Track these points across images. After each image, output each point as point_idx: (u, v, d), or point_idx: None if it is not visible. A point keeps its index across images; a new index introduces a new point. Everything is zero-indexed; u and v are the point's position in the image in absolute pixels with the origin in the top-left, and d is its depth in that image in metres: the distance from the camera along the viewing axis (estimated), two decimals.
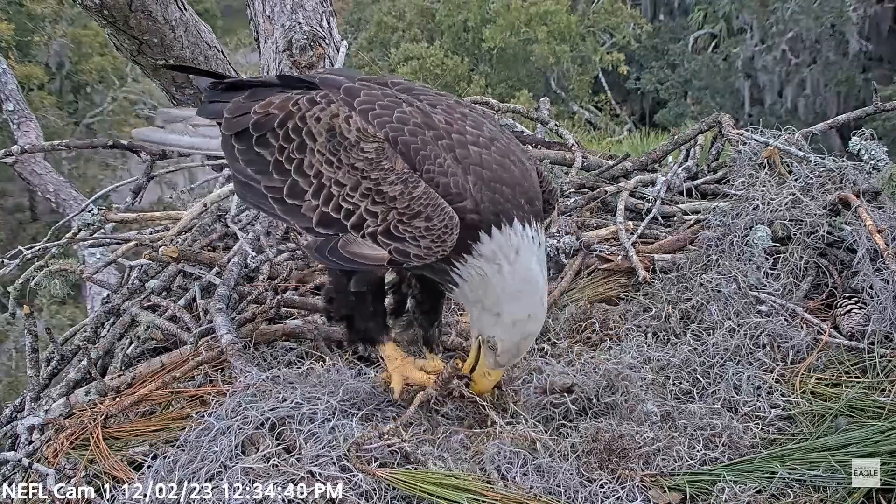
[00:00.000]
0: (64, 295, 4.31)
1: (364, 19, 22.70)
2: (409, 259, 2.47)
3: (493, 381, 2.74)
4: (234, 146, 2.73)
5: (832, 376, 2.92)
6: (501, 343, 2.57)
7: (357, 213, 2.48)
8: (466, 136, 2.54)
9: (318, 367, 2.90)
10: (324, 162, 2.52)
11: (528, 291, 2.51)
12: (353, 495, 2.34)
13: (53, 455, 2.85)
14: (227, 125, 2.76)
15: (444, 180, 2.44)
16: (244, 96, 2.78)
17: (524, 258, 2.49)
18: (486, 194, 2.46)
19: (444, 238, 2.41)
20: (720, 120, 4.68)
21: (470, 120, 2.62)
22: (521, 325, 2.54)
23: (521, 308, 2.51)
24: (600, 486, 2.38)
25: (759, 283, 3.36)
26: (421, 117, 2.54)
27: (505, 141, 2.63)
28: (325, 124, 2.54)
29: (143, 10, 4.02)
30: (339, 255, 2.52)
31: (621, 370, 2.87)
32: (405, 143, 2.47)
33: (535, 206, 2.57)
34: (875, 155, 3.96)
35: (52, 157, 9.37)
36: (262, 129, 2.65)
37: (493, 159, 2.51)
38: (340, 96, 2.59)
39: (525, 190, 2.54)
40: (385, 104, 2.56)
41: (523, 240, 2.49)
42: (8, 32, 17.10)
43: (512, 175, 2.52)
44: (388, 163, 2.45)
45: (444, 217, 2.40)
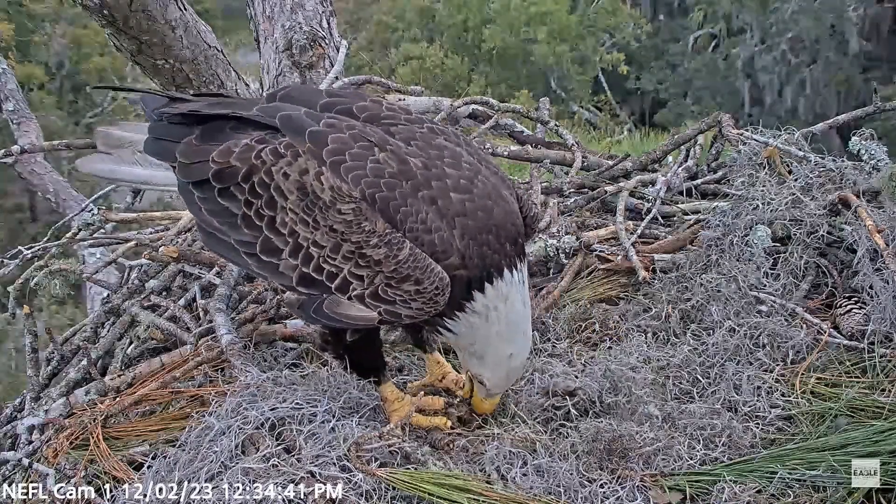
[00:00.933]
0: (64, 295, 4.30)
1: (364, 19, 22.70)
2: (400, 319, 2.42)
3: (491, 405, 2.76)
4: (195, 193, 2.53)
5: (832, 376, 2.92)
6: (488, 380, 2.63)
7: (341, 276, 2.38)
8: (446, 181, 2.41)
9: (322, 372, 2.90)
10: (298, 221, 2.38)
11: (510, 334, 2.54)
12: (353, 495, 2.34)
13: (53, 455, 2.85)
14: (182, 172, 2.55)
15: (428, 237, 2.35)
16: (195, 136, 2.55)
17: (512, 305, 2.50)
18: (475, 248, 2.40)
19: (437, 299, 2.36)
20: (720, 120, 4.67)
21: (447, 156, 2.48)
22: (503, 364, 2.58)
23: (502, 350, 2.54)
24: (600, 486, 2.38)
25: (759, 283, 3.36)
26: (397, 164, 2.39)
27: (485, 173, 2.52)
28: (294, 181, 2.37)
29: (143, 10, 4.02)
30: (327, 316, 2.42)
31: (624, 371, 2.87)
32: (383, 199, 2.34)
33: (518, 244, 2.53)
34: (875, 155, 3.96)
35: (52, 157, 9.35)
36: (224, 181, 2.45)
37: (476, 205, 2.42)
38: (307, 146, 2.40)
39: (508, 231, 2.48)
40: (356, 153, 2.39)
41: (512, 287, 2.48)
42: (8, 32, 17.09)
43: (495, 218, 2.45)
44: (368, 224, 2.33)
45: (434, 279, 2.33)
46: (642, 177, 4.47)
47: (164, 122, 2.68)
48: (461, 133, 2.81)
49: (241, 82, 4.98)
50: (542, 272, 3.83)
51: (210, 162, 2.48)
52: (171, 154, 2.59)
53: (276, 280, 2.53)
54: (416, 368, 3.18)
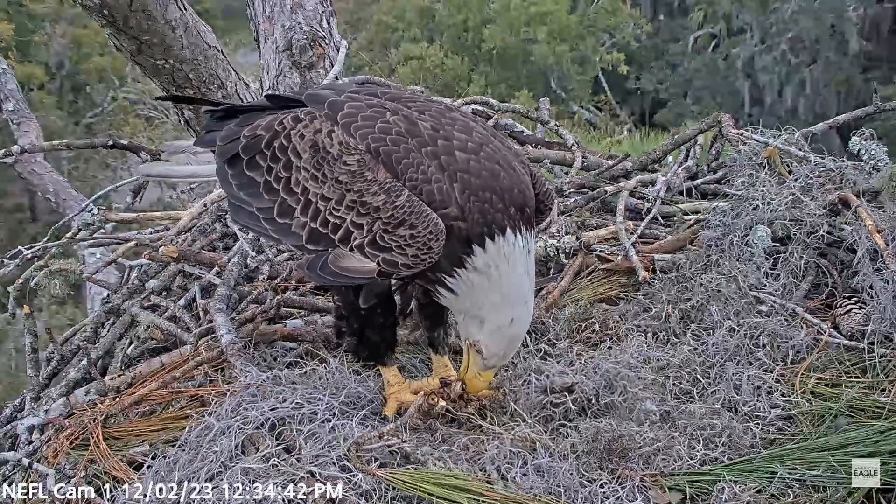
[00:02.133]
0: (64, 295, 4.30)
1: (364, 19, 22.69)
2: (397, 269, 2.46)
3: (484, 382, 2.75)
4: (228, 171, 2.74)
5: (832, 376, 2.92)
6: (486, 348, 2.60)
7: (343, 227, 2.48)
8: (453, 142, 2.51)
9: (321, 369, 2.90)
10: (309, 178, 2.53)
11: (512, 298, 2.53)
12: (353, 495, 2.34)
13: (53, 455, 2.85)
14: (219, 152, 2.78)
15: (427, 187, 2.43)
16: (236, 122, 2.80)
17: (514, 267, 2.50)
18: (475, 203, 2.45)
19: (431, 245, 2.40)
20: (720, 120, 4.68)
21: (459, 125, 2.59)
22: (504, 330, 2.56)
23: (504, 314, 2.53)
24: (600, 486, 2.38)
25: (759, 283, 3.36)
26: (405, 125, 2.52)
27: (496, 145, 2.61)
28: (308, 141, 2.55)
29: (143, 10, 4.02)
30: (330, 271, 2.51)
31: (620, 370, 2.87)
32: (387, 152, 2.46)
33: (526, 213, 2.56)
34: (875, 155, 3.96)
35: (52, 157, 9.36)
36: (250, 151, 2.66)
37: (482, 166, 2.49)
38: (324, 111, 2.60)
39: (514, 197, 2.52)
40: (368, 115, 2.55)
41: (514, 249, 2.49)
42: (8, 32, 17.09)
43: (501, 182, 2.50)
44: (370, 174, 2.45)
45: (429, 224, 2.39)
46: (642, 177, 4.48)
47: (214, 119, 2.94)
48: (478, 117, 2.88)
49: (241, 82, 4.98)
50: (542, 272, 3.83)
51: (241, 138, 2.71)
52: (214, 141, 2.83)
53: (290, 241, 2.64)
54: (417, 371, 3.18)
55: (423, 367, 3.18)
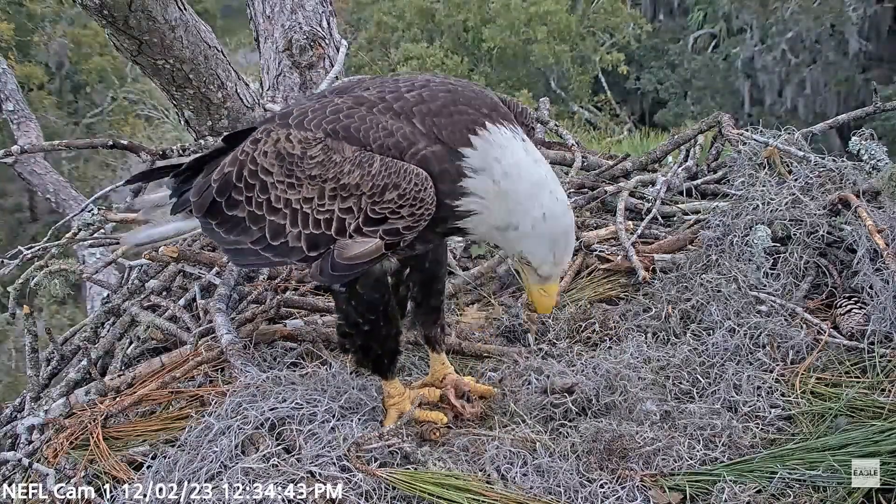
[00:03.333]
0: (64, 295, 4.30)
1: (364, 19, 22.68)
2: (401, 235, 2.39)
3: (551, 297, 2.55)
4: (211, 223, 2.71)
5: (832, 376, 2.92)
6: (532, 255, 2.43)
7: (335, 218, 2.44)
8: (400, 90, 2.49)
9: (322, 372, 2.90)
10: (286, 188, 2.50)
11: (530, 188, 2.36)
12: (353, 495, 2.34)
13: (53, 455, 2.85)
14: (197, 209, 2.75)
15: (391, 140, 2.39)
16: (202, 175, 2.79)
17: (514, 154, 2.39)
18: (441, 120, 2.40)
19: (421, 196, 2.33)
20: (720, 120, 4.68)
21: (404, 79, 2.57)
22: (539, 227, 2.36)
23: (531, 209, 2.36)
24: (600, 486, 2.38)
25: (759, 283, 3.36)
26: (353, 100, 2.51)
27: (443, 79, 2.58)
28: (272, 154, 2.53)
29: (143, 10, 4.01)
30: (341, 266, 2.46)
31: (620, 370, 2.87)
32: (345, 127, 2.44)
33: (503, 112, 2.50)
34: (875, 155, 3.96)
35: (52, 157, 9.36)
36: (225, 191, 2.64)
37: (436, 91, 2.46)
38: (276, 122, 2.59)
39: (484, 102, 2.47)
40: (317, 107, 2.54)
41: (504, 137, 2.40)
42: (8, 32, 17.09)
43: (464, 94, 2.46)
44: (337, 155, 2.41)
45: (410, 176, 2.33)
46: (642, 177, 4.48)
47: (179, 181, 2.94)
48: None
49: (241, 82, 4.97)
50: None
51: (211, 183, 2.69)
52: (188, 202, 2.81)
53: (293, 258, 2.59)
54: (417, 369, 3.18)
55: (422, 365, 3.18)
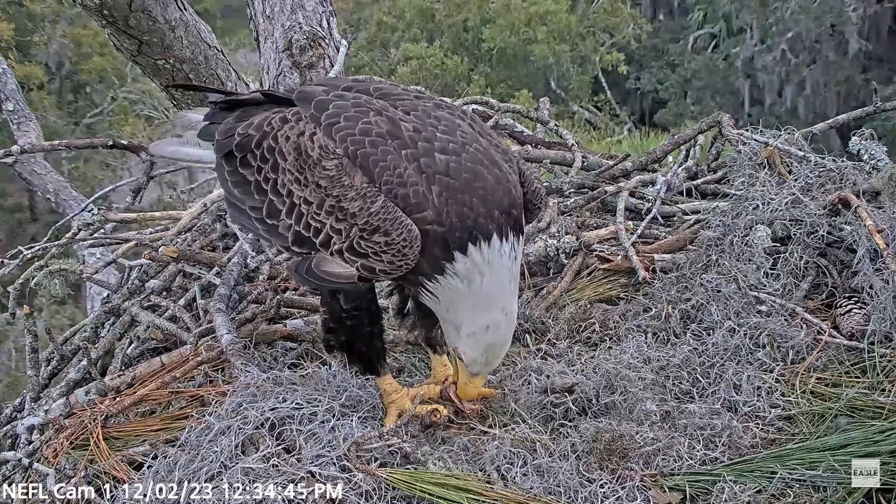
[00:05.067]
0: (64, 295, 4.31)
1: (364, 19, 22.67)
2: (376, 275, 2.46)
3: (475, 390, 2.73)
4: (224, 167, 2.73)
5: (832, 376, 2.92)
6: (465, 354, 2.58)
7: (324, 231, 2.47)
8: (434, 143, 2.46)
9: (322, 372, 2.90)
10: (293, 181, 2.52)
11: (488, 304, 2.49)
12: (353, 495, 2.34)
13: (53, 455, 2.85)
14: (217, 147, 2.76)
15: (402, 191, 2.39)
16: (234, 117, 2.78)
17: (497, 274, 2.46)
18: (453, 207, 2.40)
19: (405, 252, 2.37)
20: (720, 120, 4.68)
21: (444, 124, 2.53)
22: (479, 336, 2.52)
23: (478, 320, 2.50)
24: (600, 486, 2.38)
25: (759, 283, 3.35)
26: (387, 126, 2.48)
27: (481, 144, 2.55)
28: (292, 143, 2.53)
29: (143, 10, 4.02)
30: (314, 274, 2.51)
31: (620, 370, 2.87)
32: (364, 155, 2.43)
33: (513, 215, 2.50)
34: (875, 155, 3.96)
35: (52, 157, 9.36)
36: (243, 150, 2.65)
37: (463, 167, 2.43)
38: (310, 112, 2.57)
39: (500, 199, 2.46)
40: (351, 115, 2.51)
41: (499, 256, 2.45)
42: (8, 32, 17.09)
43: (485, 183, 2.45)
44: (347, 179, 2.42)
45: (403, 231, 2.36)
46: (642, 177, 4.47)
47: (216, 110, 2.91)
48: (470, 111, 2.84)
49: (241, 82, 4.98)
50: (542, 272, 3.83)
51: (235, 135, 2.69)
52: (213, 135, 2.80)
53: (278, 242, 2.64)
54: (417, 370, 3.18)
55: (422, 367, 3.18)
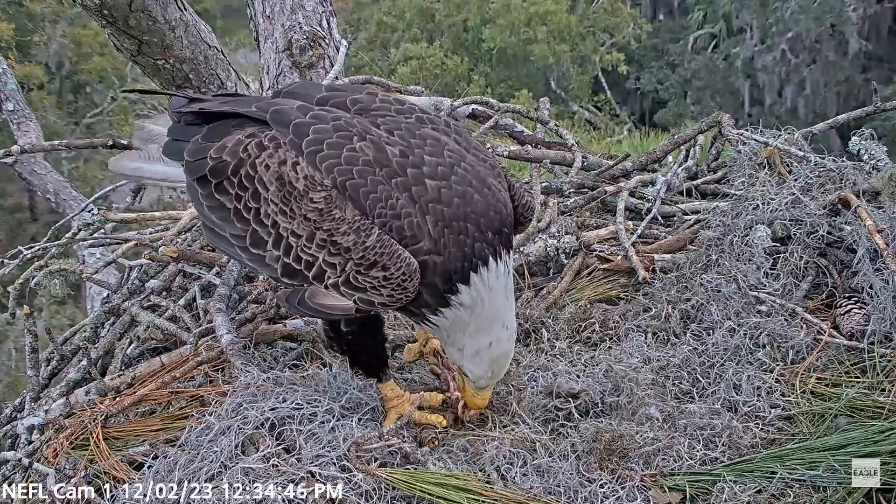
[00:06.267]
0: (64, 295, 4.30)
1: (364, 19, 22.68)
2: (374, 307, 2.43)
3: (483, 400, 2.72)
4: (198, 190, 2.62)
5: (832, 376, 2.92)
6: (470, 372, 2.60)
7: (317, 265, 2.41)
8: (423, 169, 2.41)
9: (322, 373, 2.90)
10: (278, 212, 2.44)
11: (488, 325, 2.50)
12: (353, 495, 2.34)
13: (53, 455, 2.85)
14: (188, 169, 2.64)
15: (397, 223, 2.35)
16: (202, 136, 2.64)
17: (496, 295, 2.47)
18: (450, 236, 2.37)
19: (405, 285, 2.35)
20: (720, 120, 4.68)
21: (429, 144, 2.48)
22: (483, 354, 2.54)
23: (480, 340, 2.51)
24: (600, 486, 2.38)
25: (759, 283, 3.36)
26: (373, 152, 2.41)
27: (469, 162, 2.50)
28: (273, 172, 2.44)
29: (143, 10, 4.02)
30: (308, 307, 2.47)
31: (627, 371, 2.87)
32: (354, 187, 2.37)
33: (504, 234, 2.49)
34: (875, 155, 3.96)
35: (52, 157, 9.36)
36: (218, 175, 2.54)
37: (454, 192, 2.40)
38: (289, 137, 2.46)
39: (491, 220, 2.44)
40: (333, 142, 2.43)
41: (497, 277, 2.45)
42: (8, 32, 17.09)
43: (476, 206, 2.42)
44: (338, 212, 2.36)
45: (401, 265, 2.32)
46: (642, 177, 4.47)
47: (181, 123, 2.77)
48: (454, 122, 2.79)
49: (241, 82, 4.98)
50: (542, 272, 3.83)
51: (208, 158, 2.57)
52: (182, 153, 2.67)
53: (265, 272, 2.58)
54: (416, 367, 3.18)
55: (421, 365, 3.17)
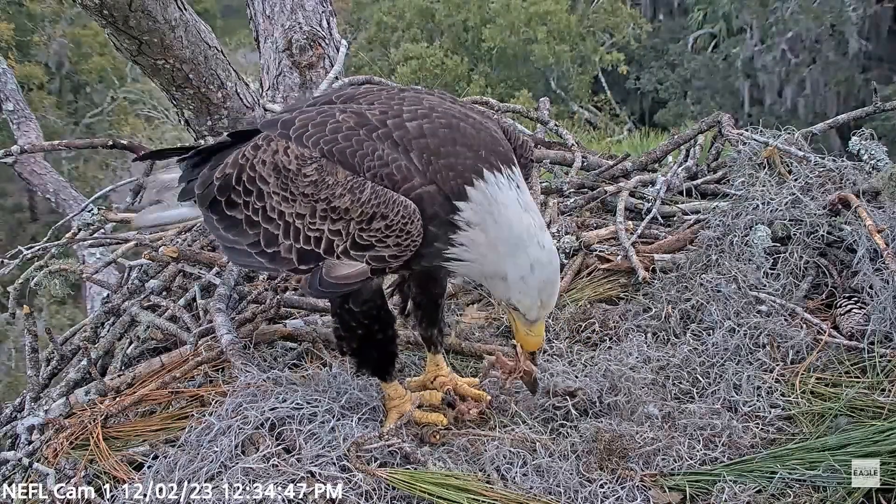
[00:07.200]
0: (64, 295, 4.31)
1: (364, 19, 22.67)
2: (387, 262, 2.43)
3: (537, 338, 2.58)
4: (212, 217, 2.72)
5: (832, 376, 2.92)
6: (519, 302, 2.46)
7: (324, 238, 2.46)
8: (403, 116, 2.46)
9: (322, 373, 2.90)
10: (281, 201, 2.51)
11: (519, 241, 2.39)
12: (353, 495, 2.34)
13: (53, 455, 2.85)
14: (200, 200, 2.76)
15: (386, 170, 2.39)
16: (208, 167, 2.78)
17: (508, 207, 2.40)
18: (439, 162, 2.39)
19: (408, 229, 2.35)
20: (720, 120, 4.68)
21: (409, 100, 2.54)
22: (528, 279, 2.40)
23: (520, 262, 2.39)
24: (600, 486, 2.38)
25: (759, 283, 3.36)
26: (354, 119, 2.49)
27: (449, 106, 2.55)
28: (270, 164, 2.53)
29: (143, 9, 4.00)
30: (328, 284, 2.49)
31: (624, 371, 2.87)
32: (340, 150, 2.44)
33: (502, 153, 2.48)
34: (875, 155, 3.97)
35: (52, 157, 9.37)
36: (226, 191, 2.65)
37: (437, 125, 2.44)
38: (278, 131, 2.57)
39: (483, 141, 2.46)
40: (318, 122, 2.52)
41: (500, 188, 2.40)
42: (8, 32, 17.09)
43: (463, 133, 2.45)
44: (330, 178, 2.42)
45: (399, 208, 2.34)
46: (642, 177, 4.48)
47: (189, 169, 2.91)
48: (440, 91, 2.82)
49: (240, 82, 4.97)
50: None
51: (214, 180, 2.69)
52: (193, 192, 2.80)
53: (285, 268, 2.62)
54: (416, 368, 3.18)
55: (422, 365, 3.17)
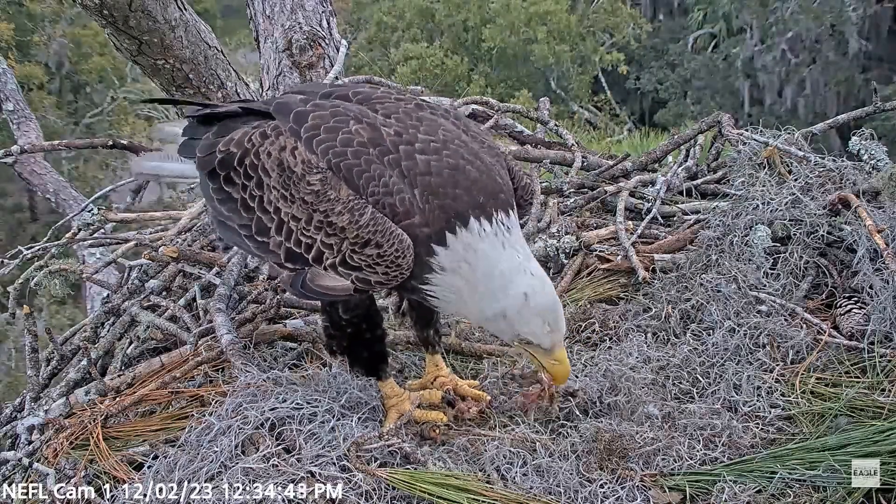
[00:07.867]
0: (64, 295, 4.31)
1: (364, 19, 22.68)
2: (371, 286, 2.45)
3: (564, 365, 2.52)
4: (209, 184, 2.69)
5: (832, 376, 2.92)
6: (528, 333, 2.43)
7: (315, 247, 2.45)
8: (415, 145, 2.45)
9: (322, 373, 2.90)
10: (279, 198, 2.50)
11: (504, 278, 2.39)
12: (353, 495, 2.34)
13: (53, 455, 2.85)
14: (199, 164, 2.72)
15: (389, 200, 2.39)
16: (213, 132, 2.73)
17: (487, 253, 2.39)
18: (435, 203, 2.39)
19: (399, 262, 2.37)
20: (720, 120, 4.68)
21: (425, 125, 2.53)
22: (526, 310, 2.39)
23: (513, 293, 2.38)
24: (600, 486, 2.38)
25: (759, 283, 3.36)
26: (368, 133, 2.46)
27: (463, 141, 2.54)
28: (275, 159, 2.51)
29: (143, 9, 4.01)
30: (309, 289, 2.50)
31: (624, 371, 2.87)
32: (348, 167, 2.42)
33: (501, 199, 2.47)
34: (875, 155, 3.97)
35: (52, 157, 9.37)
36: (226, 167, 2.61)
37: (444, 164, 2.43)
38: (289, 125, 2.54)
39: (484, 186, 2.45)
40: (331, 126, 2.49)
41: (481, 238, 2.39)
42: (8, 32, 17.09)
43: (467, 175, 2.44)
44: (333, 192, 2.41)
45: (394, 241, 2.35)
46: (642, 177, 4.48)
47: (194, 125, 2.87)
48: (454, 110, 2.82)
49: (240, 82, 4.98)
50: None
51: (216, 152, 2.64)
52: (194, 151, 2.76)
53: (270, 259, 2.62)
54: (416, 368, 3.18)
55: (422, 365, 3.17)
